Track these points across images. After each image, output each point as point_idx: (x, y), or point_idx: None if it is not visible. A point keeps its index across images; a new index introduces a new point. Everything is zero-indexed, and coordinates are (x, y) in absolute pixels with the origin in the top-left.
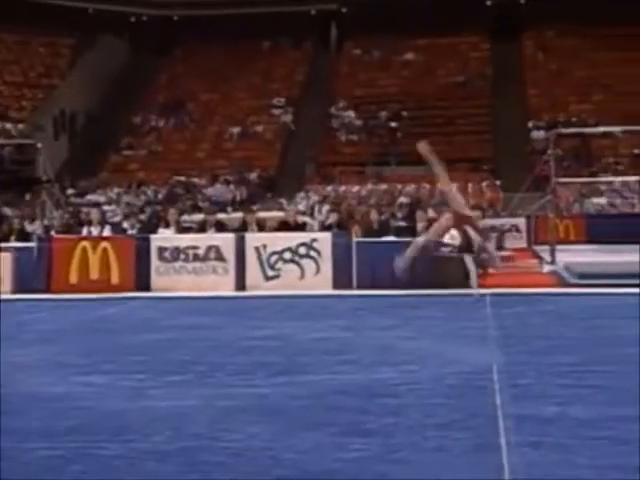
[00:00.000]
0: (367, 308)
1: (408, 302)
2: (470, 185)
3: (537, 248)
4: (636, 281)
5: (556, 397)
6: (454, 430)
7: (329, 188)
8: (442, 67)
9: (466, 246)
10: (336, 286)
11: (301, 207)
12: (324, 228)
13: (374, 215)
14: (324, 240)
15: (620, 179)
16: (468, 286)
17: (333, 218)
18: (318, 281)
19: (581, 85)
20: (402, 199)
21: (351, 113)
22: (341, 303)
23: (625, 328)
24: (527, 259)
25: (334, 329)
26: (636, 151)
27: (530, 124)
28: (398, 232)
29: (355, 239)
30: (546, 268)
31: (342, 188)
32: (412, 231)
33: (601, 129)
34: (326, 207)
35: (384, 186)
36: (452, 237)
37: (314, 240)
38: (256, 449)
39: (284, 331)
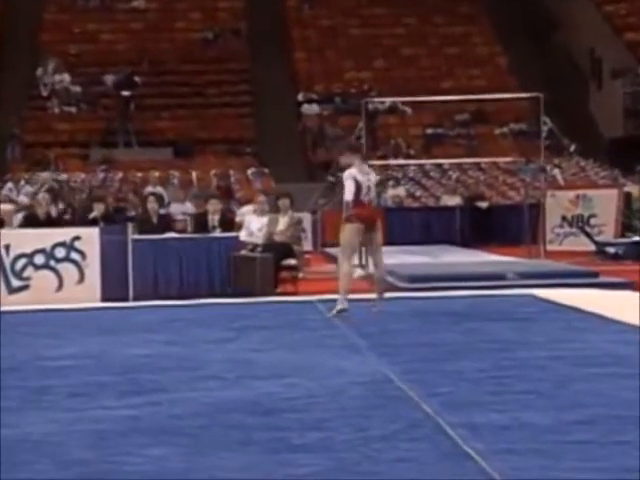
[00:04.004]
0: (179, 320)
1: (221, 312)
2: (233, 173)
3: (328, 250)
4: (472, 283)
5: (493, 404)
6: (403, 441)
7: (44, 175)
8: (182, 19)
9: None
10: (106, 297)
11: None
12: (87, 223)
13: (153, 205)
14: (90, 238)
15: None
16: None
17: (99, 210)
18: (81, 292)
19: (358, 47)
20: (150, 189)
21: (66, 76)
22: (138, 315)
23: (500, 332)
24: (322, 264)
25: (157, 344)
26: (429, 131)
27: (300, 96)
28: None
29: (131, 236)
30: (357, 272)
31: (63, 176)
32: (206, 226)
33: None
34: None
35: (120, 174)
36: (249, 233)
37: (76, 238)
38: (179, 471)
39: (91, 348)
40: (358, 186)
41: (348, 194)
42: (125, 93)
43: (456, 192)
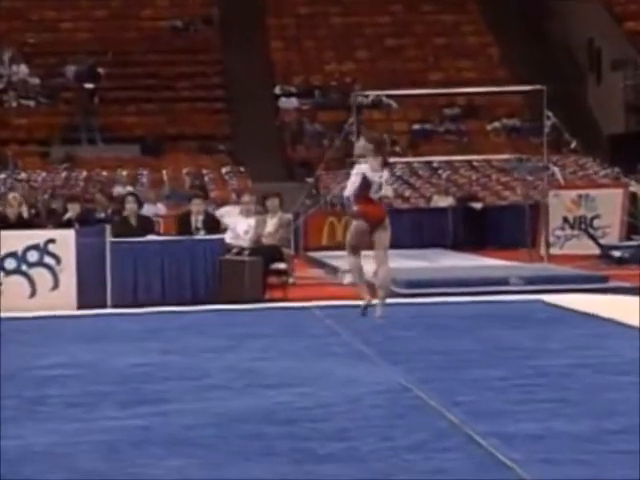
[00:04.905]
0: (169, 328)
1: (211, 320)
2: (206, 172)
3: (311, 255)
4: (474, 288)
5: (522, 413)
6: (433, 452)
7: (2, 176)
8: (149, 6)
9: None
10: (82, 304)
11: None
12: (61, 225)
13: (132, 205)
14: (65, 241)
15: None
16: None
17: (74, 211)
18: (56, 298)
19: (339, 37)
20: (120, 189)
21: (23, 68)
22: (120, 323)
23: (515, 338)
24: (306, 268)
25: (152, 353)
26: (416, 127)
27: (277, 89)
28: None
29: (109, 239)
30: (348, 278)
31: (22, 175)
32: (189, 227)
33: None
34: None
35: (84, 173)
36: (235, 236)
37: (50, 241)
38: None
39: (82, 357)
40: (367, 183)
41: (349, 189)
42: (88, 86)
43: (448, 192)
